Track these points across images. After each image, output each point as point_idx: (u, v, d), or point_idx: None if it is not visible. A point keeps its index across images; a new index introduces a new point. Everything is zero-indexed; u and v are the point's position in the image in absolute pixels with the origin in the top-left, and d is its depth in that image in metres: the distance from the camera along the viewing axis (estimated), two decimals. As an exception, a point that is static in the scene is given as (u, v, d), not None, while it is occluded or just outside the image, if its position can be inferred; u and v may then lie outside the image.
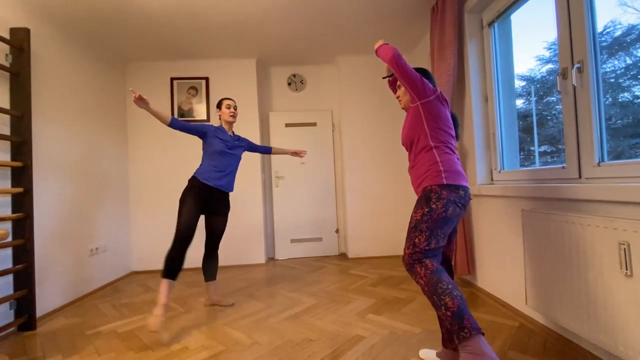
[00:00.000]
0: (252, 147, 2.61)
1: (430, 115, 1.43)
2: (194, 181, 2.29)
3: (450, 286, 1.21)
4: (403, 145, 1.57)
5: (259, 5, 2.65)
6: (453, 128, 1.49)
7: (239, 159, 2.47)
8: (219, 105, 2.46)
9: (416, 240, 1.32)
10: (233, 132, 2.48)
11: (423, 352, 1.60)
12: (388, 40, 3.39)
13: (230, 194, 3.57)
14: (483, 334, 1.14)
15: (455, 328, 1.14)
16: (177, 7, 2.61)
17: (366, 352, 1.67)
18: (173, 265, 2.06)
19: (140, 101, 1.98)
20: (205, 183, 2.29)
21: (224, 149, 2.34)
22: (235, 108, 2.45)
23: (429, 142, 1.43)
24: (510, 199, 2.04)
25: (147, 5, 2.57)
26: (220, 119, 2.47)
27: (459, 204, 1.36)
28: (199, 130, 2.33)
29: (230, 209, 3.11)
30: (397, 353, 1.64)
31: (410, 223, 1.38)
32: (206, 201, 2.31)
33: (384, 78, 1.77)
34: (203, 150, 2.39)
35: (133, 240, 3.59)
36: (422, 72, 1.57)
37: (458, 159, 1.46)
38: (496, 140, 2.31)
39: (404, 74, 1.41)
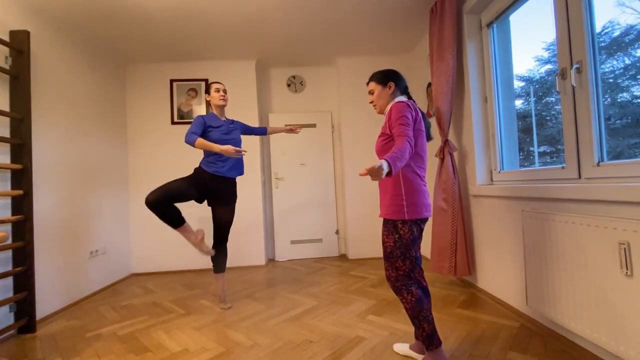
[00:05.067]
0: (248, 129, 2.59)
1: None
2: (196, 169, 2.33)
3: (428, 313, 1.46)
4: (376, 154, 1.57)
5: (258, 6, 2.66)
6: (424, 146, 1.50)
7: (239, 142, 2.44)
8: (207, 90, 2.41)
9: (397, 264, 1.48)
10: (226, 117, 2.45)
11: (397, 346, 1.68)
12: (386, 40, 3.39)
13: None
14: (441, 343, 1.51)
15: (427, 342, 1.45)
16: (177, 8, 2.62)
17: (367, 353, 1.67)
18: (167, 216, 2.14)
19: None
20: (207, 170, 2.29)
21: (219, 136, 2.31)
22: (225, 91, 2.40)
23: None
24: (510, 199, 2.04)
25: (147, 7, 2.58)
26: (210, 104, 2.42)
27: (419, 222, 1.48)
28: (201, 126, 2.26)
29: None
30: (397, 354, 1.64)
31: (385, 248, 1.51)
32: (205, 187, 2.30)
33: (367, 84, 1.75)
34: None
35: (132, 242, 3.59)
36: (393, 75, 1.59)
37: (424, 183, 1.49)
38: (495, 141, 2.31)
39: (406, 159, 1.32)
